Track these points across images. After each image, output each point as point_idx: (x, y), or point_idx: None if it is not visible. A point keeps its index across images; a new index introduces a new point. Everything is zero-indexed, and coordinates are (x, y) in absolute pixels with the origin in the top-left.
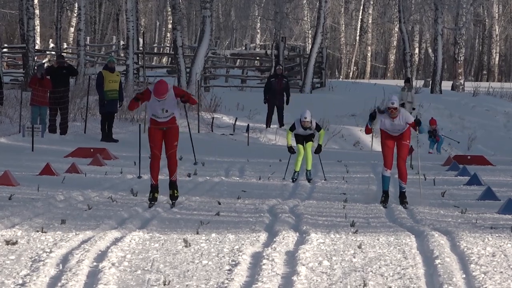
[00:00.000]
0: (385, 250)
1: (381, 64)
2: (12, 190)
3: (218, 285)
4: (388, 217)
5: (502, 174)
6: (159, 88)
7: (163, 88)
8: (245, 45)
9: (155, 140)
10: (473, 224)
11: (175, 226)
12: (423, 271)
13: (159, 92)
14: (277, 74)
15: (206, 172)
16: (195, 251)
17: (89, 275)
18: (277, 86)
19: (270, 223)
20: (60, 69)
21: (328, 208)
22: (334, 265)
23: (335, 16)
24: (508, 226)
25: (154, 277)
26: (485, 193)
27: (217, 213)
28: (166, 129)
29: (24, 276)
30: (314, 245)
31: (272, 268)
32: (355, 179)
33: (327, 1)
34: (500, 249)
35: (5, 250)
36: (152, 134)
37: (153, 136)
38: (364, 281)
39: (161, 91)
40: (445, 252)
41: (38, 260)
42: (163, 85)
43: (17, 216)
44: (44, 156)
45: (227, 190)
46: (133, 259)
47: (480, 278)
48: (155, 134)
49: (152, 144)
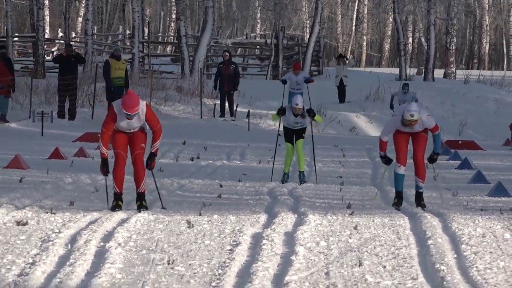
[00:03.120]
0: (379, 231)
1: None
2: (23, 173)
3: (220, 264)
4: (383, 200)
5: (492, 159)
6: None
7: (134, 100)
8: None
9: (118, 140)
10: (464, 206)
11: (178, 208)
12: (416, 251)
13: (130, 105)
14: (224, 60)
15: (209, 156)
16: (198, 231)
17: (96, 255)
18: (224, 72)
19: (269, 205)
20: (68, 57)
21: (325, 190)
22: (331, 245)
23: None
24: (498, 208)
25: (158, 256)
26: (475, 176)
27: (219, 196)
28: (133, 133)
29: (34, 256)
30: (312, 226)
31: (272, 248)
32: (351, 163)
33: None
34: (490, 230)
35: (16, 230)
36: (116, 135)
37: (116, 136)
38: (360, 260)
39: (133, 104)
40: (437, 233)
41: (47, 240)
42: (134, 97)
43: (27, 198)
44: (53, 141)
45: (228, 174)
46: (138, 239)
47: (470, 258)
48: (119, 136)
49: (116, 144)
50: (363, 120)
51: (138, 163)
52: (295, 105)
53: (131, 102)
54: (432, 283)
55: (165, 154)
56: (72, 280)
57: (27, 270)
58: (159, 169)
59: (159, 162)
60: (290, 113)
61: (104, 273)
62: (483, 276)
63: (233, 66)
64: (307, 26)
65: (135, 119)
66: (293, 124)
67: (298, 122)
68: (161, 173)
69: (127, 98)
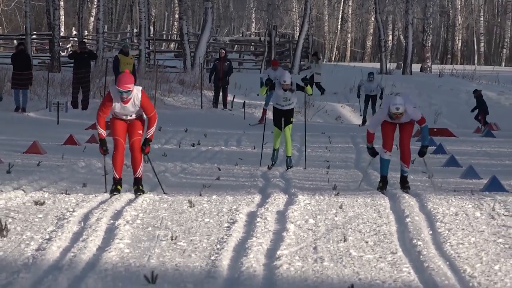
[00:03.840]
0: (362, 210)
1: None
2: (40, 158)
3: (218, 240)
4: (365, 181)
5: (464, 144)
6: (123, 77)
7: (129, 78)
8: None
9: (117, 127)
10: (439, 188)
11: (181, 189)
12: (395, 228)
13: (123, 81)
14: (221, 57)
15: (208, 142)
16: (198, 210)
17: (107, 231)
18: (220, 68)
19: (263, 187)
20: (82, 53)
21: (313, 173)
22: (318, 223)
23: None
24: (469, 189)
25: (163, 233)
26: (449, 160)
27: (218, 178)
28: (131, 121)
29: (51, 232)
30: (301, 205)
31: (265, 226)
32: (336, 148)
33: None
34: (462, 209)
35: (34, 209)
36: (115, 122)
37: (115, 123)
38: (345, 236)
39: (126, 80)
40: (414, 212)
41: (62, 218)
42: (128, 75)
43: (44, 180)
44: (68, 128)
45: (226, 158)
46: (144, 217)
47: (444, 234)
48: (118, 122)
49: (115, 132)
50: (348, 110)
51: (135, 149)
52: (283, 82)
53: (124, 79)
54: (409, 257)
55: (169, 141)
56: (85, 254)
57: (44, 245)
58: (162, 154)
59: (164, 147)
60: (279, 88)
61: (114, 248)
62: (456, 250)
63: (227, 62)
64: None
65: (129, 104)
66: (282, 101)
67: (286, 98)
68: (165, 158)
69: (121, 76)
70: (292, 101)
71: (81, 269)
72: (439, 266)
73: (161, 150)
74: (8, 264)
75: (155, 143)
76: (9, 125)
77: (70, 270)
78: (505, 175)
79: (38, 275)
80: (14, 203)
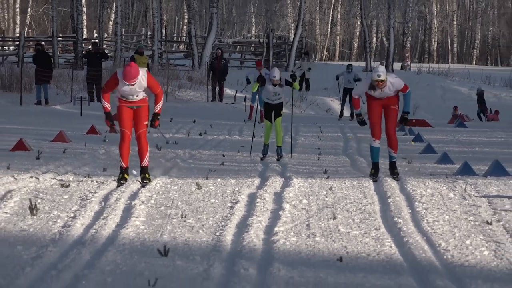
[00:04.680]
0: (350, 192)
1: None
2: (66, 145)
3: (223, 218)
4: (353, 167)
5: (439, 134)
6: (130, 72)
7: (135, 71)
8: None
9: (125, 119)
10: (417, 172)
11: (189, 173)
12: (379, 207)
13: (129, 76)
14: (218, 56)
15: (214, 132)
16: (205, 192)
17: (124, 210)
18: (217, 66)
19: (262, 171)
20: (95, 53)
21: (307, 159)
22: (311, 203)
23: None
24: (444, 173)
25: (173, 212)
26: (426, 148)
27: (222, 163)
28: (136, 108)
29: (75, 211)
30: (296, 187)
31: (264, 205)
32: (327, 137)
33: (305, 1)
34: (437, 191)
35: (60, 191)
36: (122, 113)
37: (122, 115)
38: (334, 215)
39: (132, 75)
40: (395, 193)
41: (85, 199)
42: (134, 69)
43: (69, 165)
44: (90, 120)
45: (229, 146)
46: (158, 198)
47: (422, 213)
48: (124, 112)
49: (122, 123)
50: (337, 103)
51: (142, 140)
52: (273, 78)
53: (130, 75)
54: (391, 233)
55: (179, 130)
56: (105, 230)
57: (69, 223)
58: (174, 142)
59: (174, 136)
60: (269, 84)
61: (131, 225)
62: (432, 227)
63: (223, 61)
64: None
65: (136, 85)
66: (272, 96)
67: (276, 93)
68: (175, 145)
69: (127, 70)
70: (281, 96)
71: (101, 243)
72: (417, 241)
73: (172, 138)
74: (37, 239)
75: (167, 133)
76: (38, 117)
77: (92, 245)
78: (475, 160)
79: (64, 249)
80: (42, 185)
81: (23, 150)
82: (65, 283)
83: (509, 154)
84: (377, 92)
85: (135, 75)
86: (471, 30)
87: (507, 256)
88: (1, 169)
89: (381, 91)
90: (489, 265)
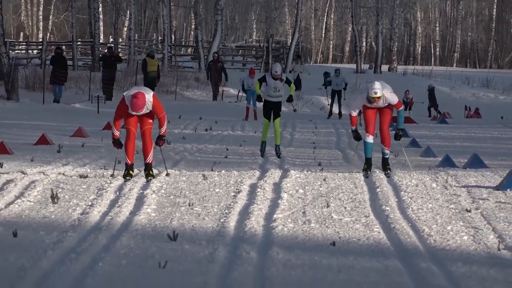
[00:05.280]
0: (342, 182)
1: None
2: (84, 140)
3: (227, 206)
4: (344, 159)
5: (423, 129)
6: (136, 103)
7: (141, 102)
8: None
9: (130, 118)
10: (403, 164)
11: (196, 165)
12: (368, 196)
13: (136, 107)
14: (214, 59)
15: (218, 128)
16: (211, 182)
17: (137, 199)
18: (214, 68)
19: (262, 163)
20: (110, 57)
21: (303, 153)
22: (306, 192)
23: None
24: (427, 165)
25: (182, 200)
26: (411, 142)
27: (226, 156)
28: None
29: (92, 200)
30: (293, 178)
31: (264, 194)
32: (321, 132)
33: (302, 9)
34: (421, 181)
35: (79, 181)
36: (128, 115)
37: (128, 116)
38: (327, 203)
39: (139, 106)
40: (383, 184)
41: (102, 189)
42: (141, 101)
43: (87, 158)
44: (106, 117)
45: (232, 140)
46: (167, 188)
47: (407, 201)
48: (130, 114)
49: (128, 121)
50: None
51: (146, 137)
52: (275, 72)
53: (137, 106)
54: (379, 219)
55: (187, 126)
56: (120, 217)
57: (87, 210)
58: (182, 137)
59: (183, 132)
60: (270, 78)
61: (143, 212)
62: (416, 214)
63: (220, 64)
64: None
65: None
66: (272, 92)
67: (277, 88)
68: (183, 140)
69: (133, 102)
70: (281, 93)
71: (116, 229)
72: (403, 227)
73: (181, 134)
74: (58, 225)
75: (176, 128)
76: (59, 115)
77: (108, 230)
78: (456, 154)
79: (82, 234)
80: (63, 176)
81: (46, 144)
82: (83, 265)
83: (486, 148)
84: (373, 105)
85: (142, 105)
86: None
87: (484, 240)
88: (25, 161)
89: (376, 104)
90: (468, 249)
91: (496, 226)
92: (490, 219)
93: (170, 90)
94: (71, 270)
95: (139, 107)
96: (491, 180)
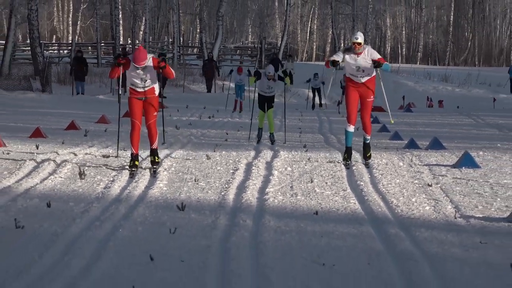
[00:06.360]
0: (323, 161)
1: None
2: (107, 126)
3: (227, 181)
4: (325, 142)
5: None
6: (139, 55)
7: (143, 55)
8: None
9: (135, 110)
10: (374, 146)
11: (201, 147)
12: (345, 173)
13: (138, 58)
14: (209, 58)
15: (219, 116)
16: (213, 161)
17: (151, 176)
18: (209, 66)
19: (256, 146)
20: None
21: (290, 136)
22: (294, 170)
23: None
24: (395, 147)
25: (189, 176)
26: (381, 128)
27: (226, 140)
28: (145, 99)
29: (113, 176)
30: (282, 158)
31: (258, 172)
32: (306, 120)
33: (289, 16)
34: (390, 161)
35: (102, 161)
36: (132, 104)
37: (133, 106)
38: (311, 179)
39: (141, 58)
40: (358, 162)
41: (121, 167)
42: (142, 52)
43: (109, 141)
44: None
45: (232, 126)
46: (177, 166)
47: (379, 177)
48: (134, 104)
49: (132, 114)
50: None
51: (151, 128)
52: (268, 73)
53: (139, 57)
54: (355, 193)
55: (193, 114)
56: (137, 191)
57: (109, 185)
58: (189, 124)
59: (189, 119)
60: (264, 77)
61: (156, 186)
62: (386, 188)
63: (214, 62)
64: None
65: (145, 71)
66: (265, 89)
67: (269, 86)
68: (190, 126)
69: (136, 53)
70: (273, 90)
71: (134, 201)
72: (375, 199)
73: (188, 121)
74: (85, 197)
75: (184, 116)
76: (86, 105)
77: (126, 202)
78: (419, 137)
79: (105, 205)
80: (89, 156)
81: (74, 130)
82: (106, 231)
83: (445, 133)
84: (353, 59)
85: (144, 57)
86: (416, 38)
87: (443, 210)
88: (57, 144)
89: (357, 57)
90: (429, 217)
91: (453, 198)
92: (448, 192)
93: (179, 84)
94: (96, 235)
95: (142, 58)
96: (449, 159)
